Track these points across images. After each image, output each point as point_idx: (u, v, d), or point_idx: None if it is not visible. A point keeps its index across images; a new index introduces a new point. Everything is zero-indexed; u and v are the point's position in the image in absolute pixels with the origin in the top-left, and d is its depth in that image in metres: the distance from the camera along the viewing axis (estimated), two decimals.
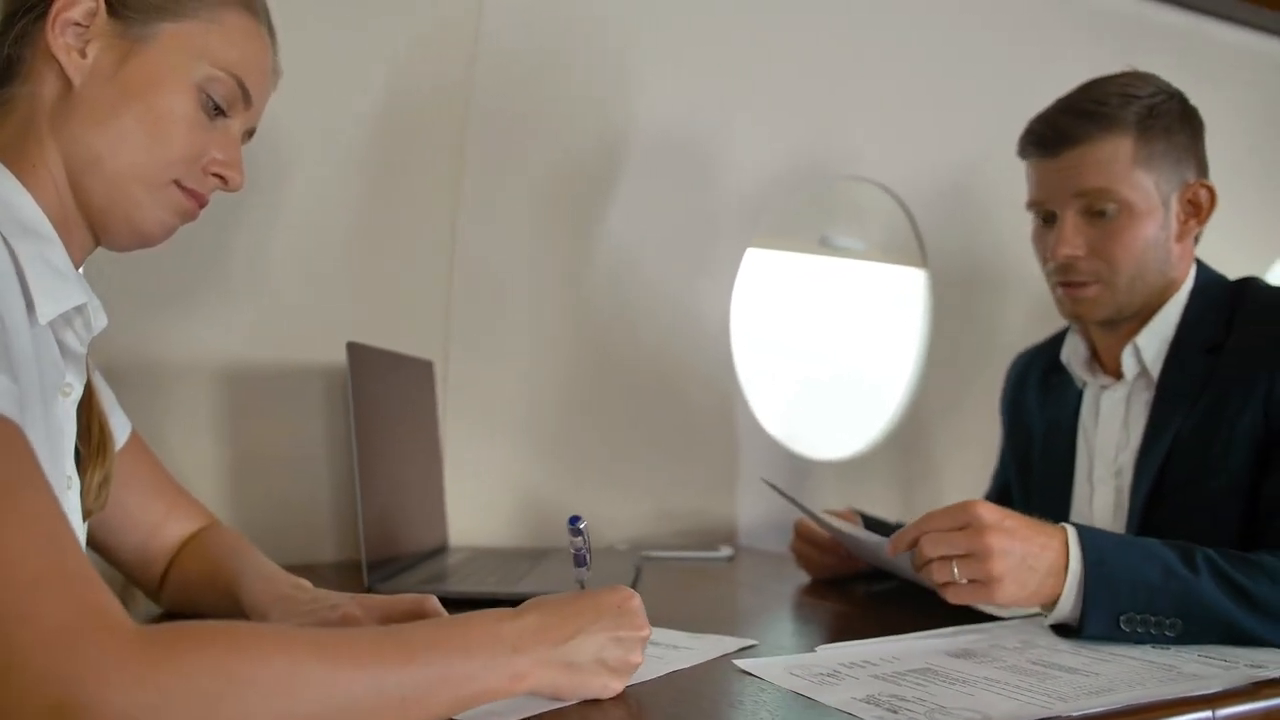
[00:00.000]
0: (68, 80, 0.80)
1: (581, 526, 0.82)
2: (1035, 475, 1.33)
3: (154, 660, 0.51)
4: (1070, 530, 0.91)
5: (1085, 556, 0.89)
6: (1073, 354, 1.28)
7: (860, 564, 1.32)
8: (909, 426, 1.96)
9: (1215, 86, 1.18)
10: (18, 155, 0.80)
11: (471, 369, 1.55)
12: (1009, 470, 1.42)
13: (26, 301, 0.74)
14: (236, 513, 1.33)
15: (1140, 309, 1.18)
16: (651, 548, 1.60)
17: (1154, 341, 1.18)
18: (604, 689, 0.71)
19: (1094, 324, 1.22)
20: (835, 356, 2.05)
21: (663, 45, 1.62)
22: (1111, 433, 1.21)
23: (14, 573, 0.52)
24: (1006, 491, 1.43)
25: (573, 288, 1.63)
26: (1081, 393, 1.28)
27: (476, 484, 1.56)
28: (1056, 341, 1.36)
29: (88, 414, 0.88)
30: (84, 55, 0.81)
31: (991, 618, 1.00)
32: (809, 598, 1.25)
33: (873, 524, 1.37)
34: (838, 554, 1.30)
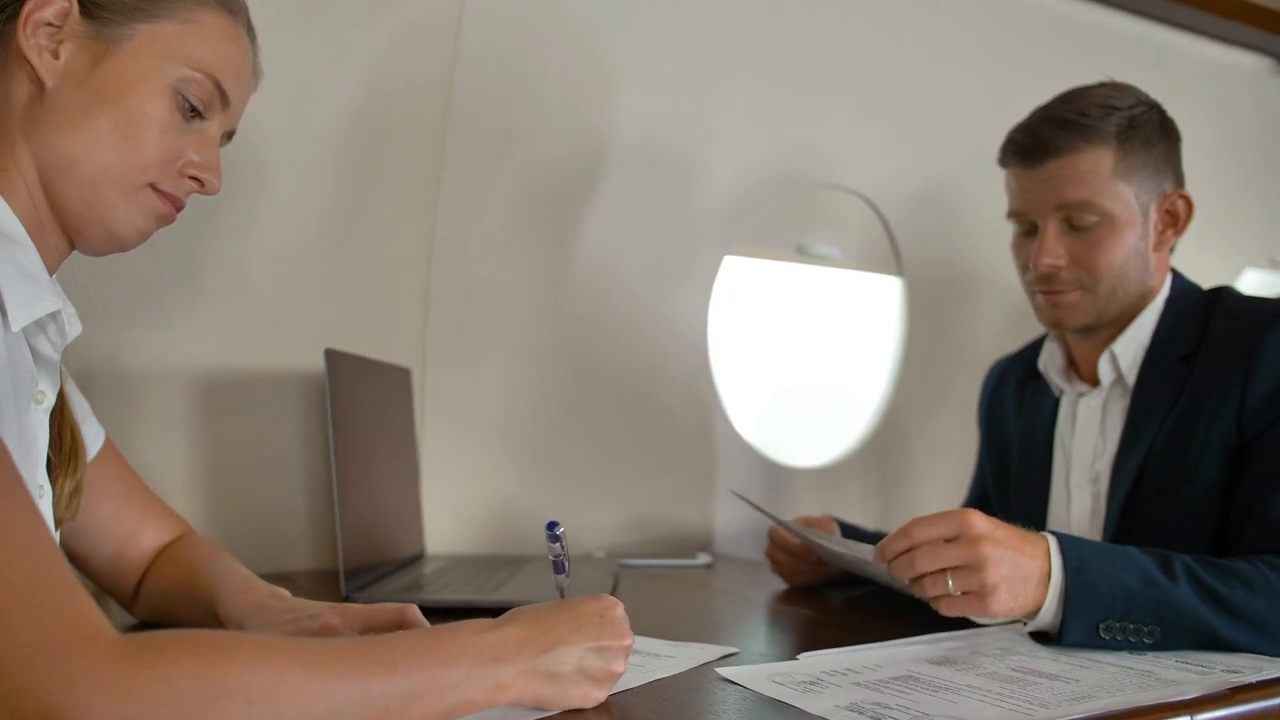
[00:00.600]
0: (40, 82, 0.79)
1: (559, 533, 0.81)
2: (1013, 482, 1.34)
3: (136, 670, 0.51)
4: (1051, 539, 0.91)
5: (1066, 565, 0.89)
6: (1050, 361, 1.29)
7: (835, 570, 1.32)
8: (885, 434, 1.97)
9: (1185, 98, 1.19)
10: None
11: (449, 376, 1.54)
12: (986, 477, 1.43)
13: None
14: (211, 521, 1.31)
15: (1118, 316, 1.20)
16: (629, 555, 1.59)
17: (1130, 349, 1.19)
18: (586, 699, 0.70)
19: (1072, 331, 1.23)
20: (812, 364, 2.06)
21: (642, 54, 1.63)
22: (1088, 439, 1.22)
23: None
24: (984, 498, 1.43)
25: (551, 295, 1.63)
26: (1058, 400, 1.29)
27: (453, 492, 1.55)
28: (1033, 349, 1.37)
29: (60, 422, 0.87)
30: (56, 56, 0.80)
31: (969, 624, 1.00)
32: (787, 605, 1.25)
33: (850, 531, 1.38)
34: (812, 561, 1.30)
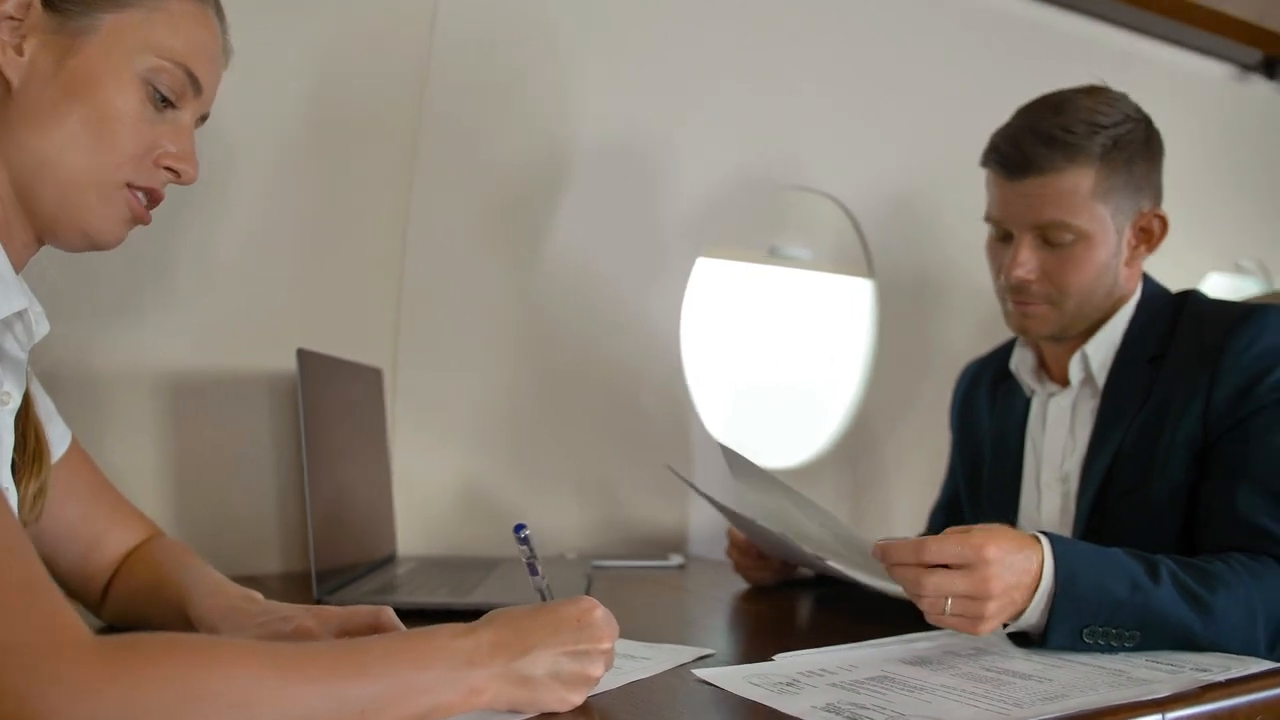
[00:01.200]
0: (6, 80, 0.77)
1: (525, 535, 0.80)
2: (984, 481, 1.35)
3: (113, 674, 0.50)
4: (1045, 546, 0.90)
5: (1058, 573, 0.89)
6: (1021, 363, 1.30)
7: (798, 570, 1.33)
8: (857, 435, 1.98)
9: (1149, 104, 1.21)
10: None
11: (421, 377, 1.53)
12: (958, 478, 1.44)
13: None
14: (180, 523, 1.29)
15: (1086, 326, 1.21)
16: (602, 556, 1.59)
17: (1101, 350, 1.20)
18: (561, 703, 0.70)
19: (1038, 339, 1.25)
20: (784, 365, 2.06)
21: (615, 56, 1.63)
22: (1058, 439, 1.24)
23: None
24: (956, 499, 1.45)
25: (523, 296, 1.62)
26: (1029, 401, 1.30)
27: (425, 493, 1.54)
28: (1004, 351, 1.38)
29: (24, 423, 0.85)
30: (20, 52, 0.78)
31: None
32: (758, 605, 1.26)
33: None
34: (774, 563, 1.31)
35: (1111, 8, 1.97)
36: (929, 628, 0.94)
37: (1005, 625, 0.91)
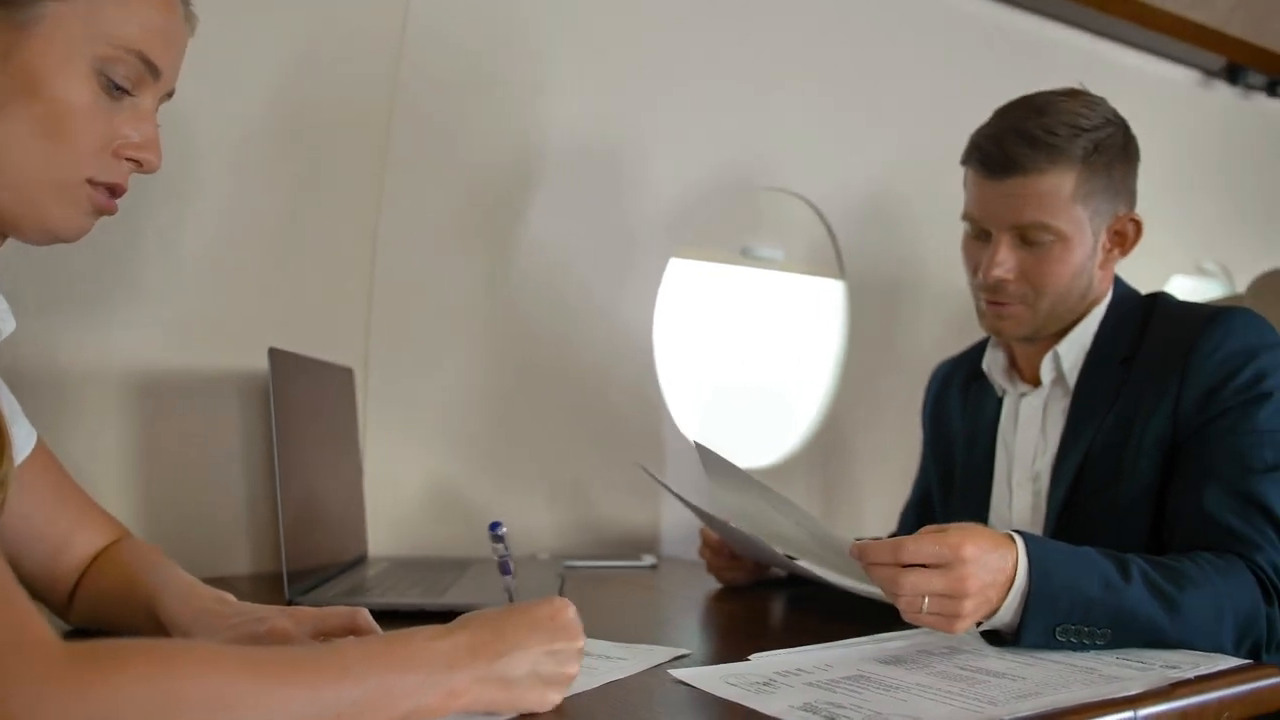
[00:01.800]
0: None
1: (501, 533, 0.80)
2: (956, 480, 1.36)
3: (86, 680, 0.49)
4: (1020, 545, 0.90)
5: (1032, 571, 0.89)
6: (993, 363, 1.31)
7: (769, 570, 1.33)
8: (829, 435, 1.99)
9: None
10: None
11: (392, 377, 1.52)
12: (930, 477, 1.45)
13: None
14: (149, 525, 1.27)
15: (1059, 328, 1.22)
16: (574, 557, 1.59)
17: (1073, 351, 1.21)
18: (541, 703, 0.70)
19: (1011, 340, 1.26)
20: (757, 366, 2.07)
21: (588, 57, 1.62)
22: (1030, 439, 1.25)
23: None
24: (927, 499, 1.46)
25: (496, 296, 1.61)
26: (1001, 400, 1.31)
27: (397, 493, 1.53)
28: (976, 351, 1.39)
29: None
30: None
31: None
32: (732, 605, 1.26)
33: None
34: (745, 563, 1.32)
35: (1079, 13, 1.99)
36: (902, 627, 0.95)
37: (979, 624, 0.91)
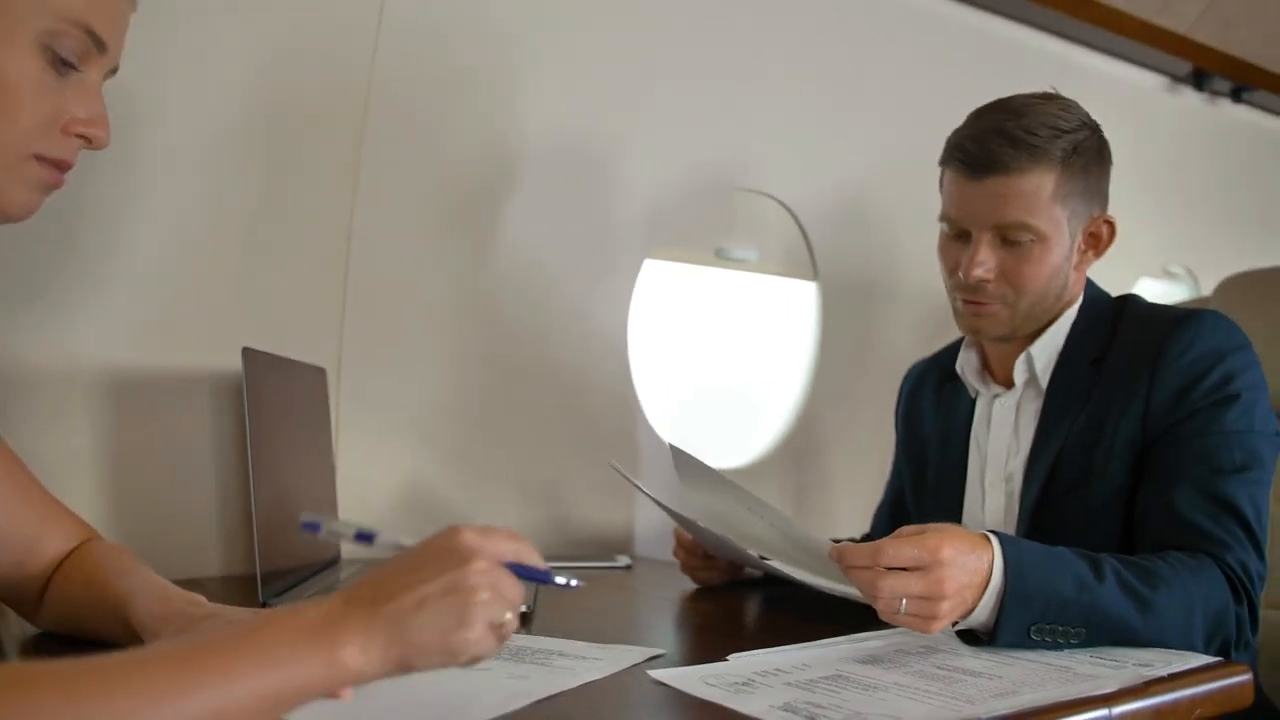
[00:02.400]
0: None
1: (322, 530, 0.73)
2: (929, 481, 1.37)
3: None
4: (995, 546, 0.91)
5: (1007, 571, 0.90)
6: (966, 364, 1.32)
7: (743, 571, 1.33)
8: (802, 436, 1.99)
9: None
10: None
11: (365, 376, 1.51)
12: (903, 478, 1.46)
13: None
14: (119, 526, 1.25)
15: (1034, 328, 1.23)
16: (548, 558, 1.57)
17: (1045, 352, 1.23)
18: (457, 645, 0.59)
19: (988, 340, 1.27)
20: (731, 367, 2.07)
21: (564, 55, 1.62)
22: (1002, 440, 1.26)
23: None
24: (900, 499, 1.46)
25: (470, 295, 1.60)
26: (974, 401, 1.32)
27: (370, 494, 1.52)
28: (949, 352, 1.40)
29: None
30: None
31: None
32: (707, 605, 1.26)
33: None
34: (719, 563, 1.32)
35: (1051, 18, 2.01)
36: (877, 626, 0.96)
37: (955, 623, 0.92)
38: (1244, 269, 1.75)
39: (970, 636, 0.95)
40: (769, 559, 1.21)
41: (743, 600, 1.27)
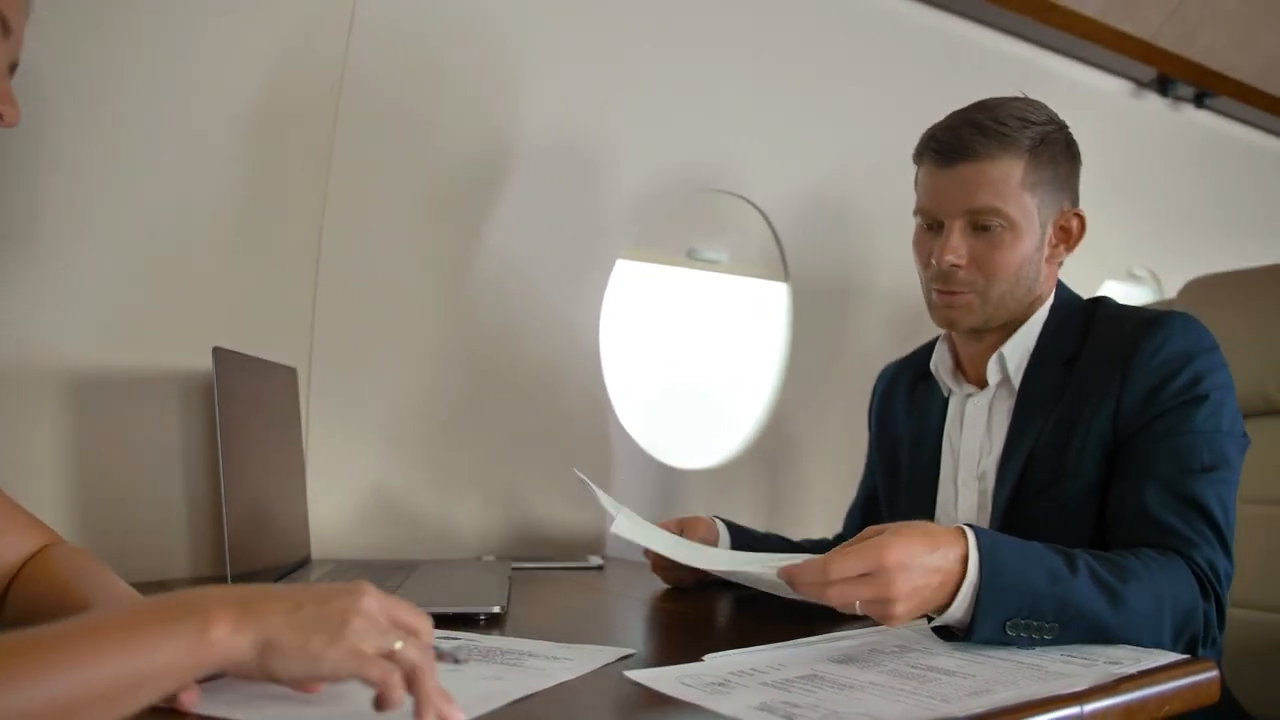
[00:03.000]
0: None
1: None
2: (902, 480, 1.38)
3: None
4: (971, 541, 0.91)
5: (983, 566, 0.90)
6: (940, 362, 1.34)
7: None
8: (775, 436, 2.00)
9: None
10: None
11: (337, 376, 1.49)
12: (876, 477, 1.47)
13: None
14: (83, 528, 1.23)
15: (1006, 322, 1.25)
16: (520, 558, 1.57)
17: (1017, 352, 1.24)
18: (326, 657, 0.60)
19: (962, 333, 1.28)
20: (703, 368, 2.08)
21: (537, 59, 1.61)
22: (975, 438, 1.27)
23: None
24: (873, 499, 1.47)
25: (442, 295, 1.59)
26: (947, 401, 1.33)
27: (340, 495, 1.51)
28: (922, 354, 1.42)
29: None
30: None
31: (861, 619, 1.02)
32: (679, 605, 1.26)
33: (737, 531, 1.40)
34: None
35: (1020, 22, 2.04)
36: (850, 626, 0.96)
37: (930, 619, 0.92)
38: (1205, 272, 1.77)
39: (946, 633, 0.95)
40: (735, 568, 1.21)
41: (715, 600, 1.27)
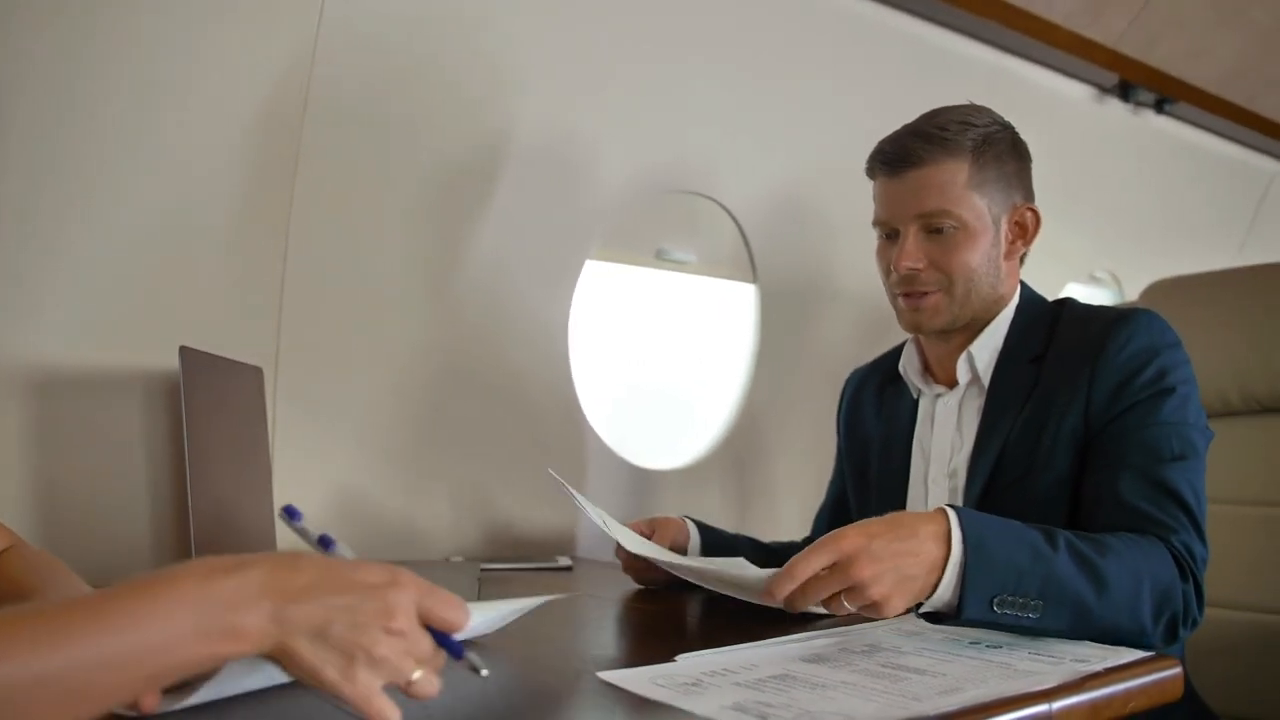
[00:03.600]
0: None
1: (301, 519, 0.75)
2: (872, 482, 1.39)
3: None
4: (953, 520, 0.93)
5: (966, 542, 0.92)
6: (909, 364, 1.36)
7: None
8: (743, 437, 2.01)
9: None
10: None
11: (304, 376, 1.48)
12: (845, 479, 1.48)
13: None
14: (46, 528, 1.21)
15: (972, 321, 1.27)
16: (489, 559, 1.57)
17: (985, 351, 1.27)
18: (334, 682, 0.58)
19: (930, 334, 1.30)
20: (672, 368, 2.08)
21: (504, 61, 1.60)
22: (946, 437, 1.29)
23: None
24: (841, 501, 1.48)
25: (410, 295, 1.58)
26: (916, 403, 1.35)
27: (307, 496, 1.49)
28: (890, 357, 1.43)
29: None
30: None
31: (823, 616, 1.03)
32: (650, 605, 1.26)
33: (707, 533, 1.40)
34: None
35: (985, 27, 2.06)
36: (820, 625, 0.96)
37: (919, 606, 0.93)
38: (1164, 275, 1.80)
39: (937, 619, 0.96)
40: (704, 569, 1.21)
41: (686, 601, 1.27)
